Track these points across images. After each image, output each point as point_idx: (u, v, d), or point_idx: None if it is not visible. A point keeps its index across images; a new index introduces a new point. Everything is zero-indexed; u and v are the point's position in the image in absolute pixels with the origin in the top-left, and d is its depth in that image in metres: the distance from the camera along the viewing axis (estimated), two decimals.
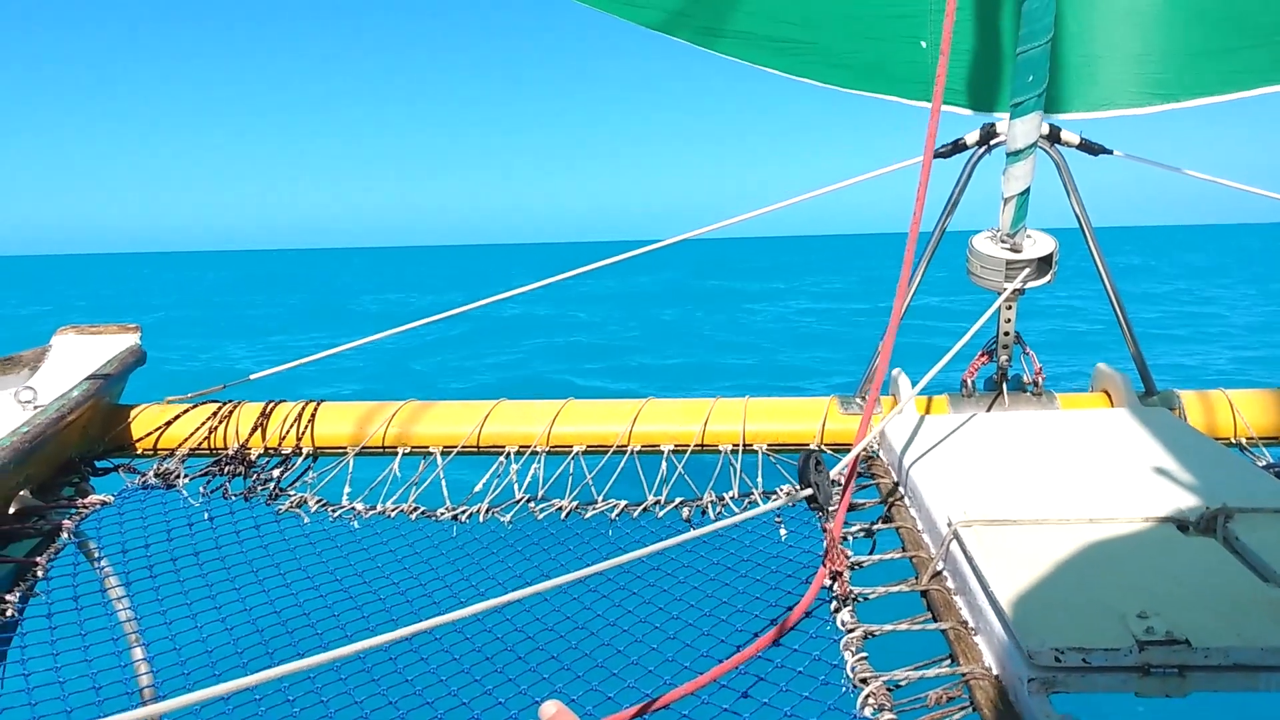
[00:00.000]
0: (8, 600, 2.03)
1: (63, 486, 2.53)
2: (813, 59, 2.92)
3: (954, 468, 2.14)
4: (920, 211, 2.14)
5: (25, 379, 2.79)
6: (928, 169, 2.20)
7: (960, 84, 2.78)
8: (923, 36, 2.77)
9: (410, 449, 2.72)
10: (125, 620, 2.15)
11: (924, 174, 2.20)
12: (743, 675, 1.69)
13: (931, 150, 2.26)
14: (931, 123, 2.24)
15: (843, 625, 1.72)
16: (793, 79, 2.95)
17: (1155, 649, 1.37)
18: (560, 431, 2.68)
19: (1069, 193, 2.68)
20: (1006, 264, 2.57)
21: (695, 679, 1.68)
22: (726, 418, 2.65)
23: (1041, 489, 1.99)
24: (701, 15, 2.94)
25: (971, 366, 2.67)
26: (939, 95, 2.20)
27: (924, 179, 2.19)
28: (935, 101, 2.22)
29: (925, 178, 2.19)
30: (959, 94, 2.80)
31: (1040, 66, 2.40)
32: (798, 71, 2.95)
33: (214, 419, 2.79)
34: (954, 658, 1.59)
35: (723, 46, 2.96)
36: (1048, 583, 1.58)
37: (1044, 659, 1.39)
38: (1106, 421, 2.42)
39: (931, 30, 2.74)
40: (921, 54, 2.79)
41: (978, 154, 2.71)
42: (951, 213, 2.70)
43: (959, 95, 2.80)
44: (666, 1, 2.93)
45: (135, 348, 2.98)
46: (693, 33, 2.97)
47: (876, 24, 2.80)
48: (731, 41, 2.94)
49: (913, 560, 1.90)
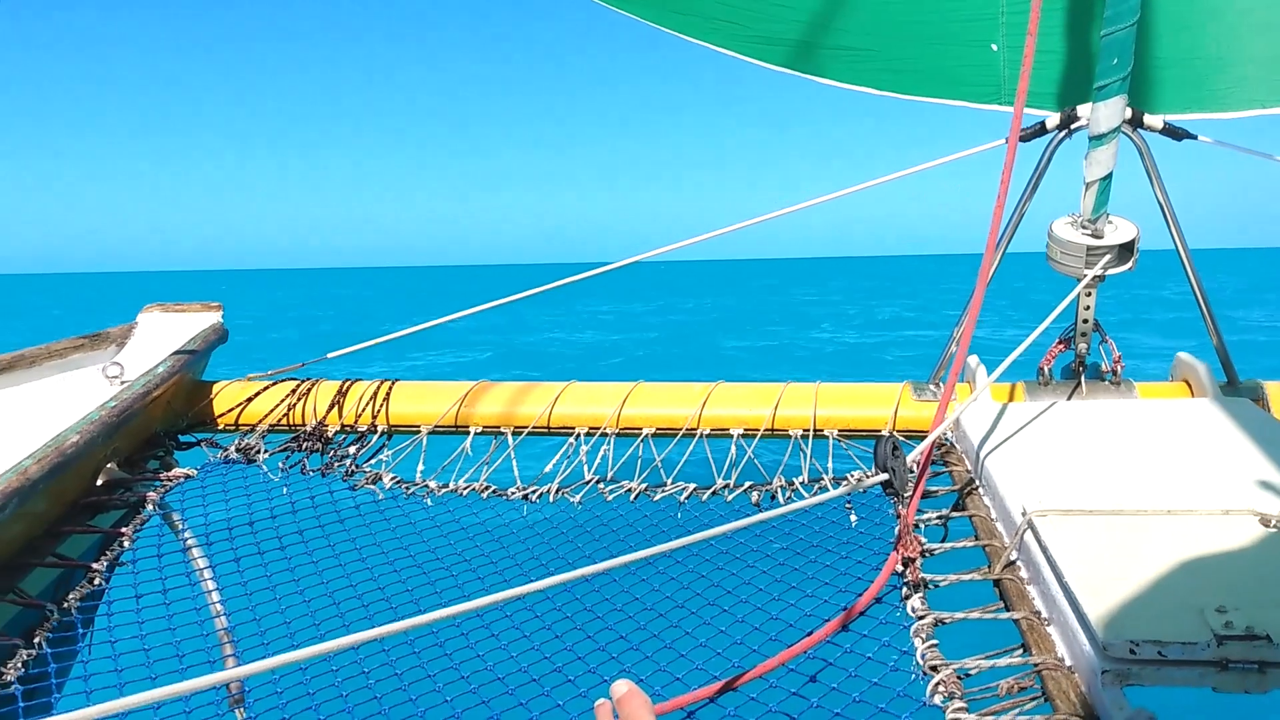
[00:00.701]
0: (95, 569, 2.09)
1: (148, 460, 2.60)
2: (872, 66, 2.89)
3: (1030, 457, 2.11)
4: (1004, 196, 2.11)
5: (113, 355, 2.87)
6: (1013, 152, 2.17)
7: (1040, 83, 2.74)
8: (993, 39, 2.73)
9: (482, 428, 2.75)
10: (208, 590, 2.21)
11: (1009, 157, 2.17)
12: (811, 660, 1.69)
13: (1017, 133, 2.22)
14: (1017, 106, 2.21)
15: (913, 612, 1.71)
16: (850, 88, 2.92)
17: (1234, 644, 1.34)
18: (630, 413, 2.69)
19: (1151, 179, 2.62)
20: (1087, 250, 2.52)
21: (764, 662, 1.68)
22: (797, 402, 2.64)
23: (1119, 479, 1.95)
24: (753, 25, 2.91)
25: (1049, 354, 2.63)
26: (1025, 79, 2.17)
27: (1009, 162, 2.16)
28: (1021, 84, 2.18)
29: (1010, 160, 2.16)
30: (1011, 93, 2.76)
31: (1125, 49, 2.35)
32: (856, 80, 2.92)
33: (292, 396, 2.85)
34: (1026, 648, 1.57)
35: (774, 57, 2.93)
36: (1124, 574, 1.56)
37: (1119, 651, 1.37)
38: (1187, 412, 2.36)
39: (1005, 33, 2.70)
40: (991, 57, 2.76)
41: (1058, 138, 2.66)
42: (1030, 197, 2.65)
43: (1010, 94, 2.76)
44: (714, 11, 2.91)
45: (218, 325, 3.05)
46: (743, 44, 2.95)
47: (942, 29, 2.77)
48: (784, 50, 2.91)
49: (986, 549, 1.89)
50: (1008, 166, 2.14)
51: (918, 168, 2.92)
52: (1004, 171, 2.13)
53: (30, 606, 1.94)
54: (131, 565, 2.18)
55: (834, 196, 3.00)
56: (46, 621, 1.92)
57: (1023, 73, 2.17)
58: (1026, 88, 2.20)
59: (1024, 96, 2.21)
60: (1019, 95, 2.21)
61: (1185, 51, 2.66)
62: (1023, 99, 2.21)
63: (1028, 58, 2.16)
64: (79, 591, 2.02)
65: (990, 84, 2.80)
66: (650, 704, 1.40)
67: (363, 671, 1.79)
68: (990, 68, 2.76)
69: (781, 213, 3.02)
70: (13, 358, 2.74)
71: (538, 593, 1.52)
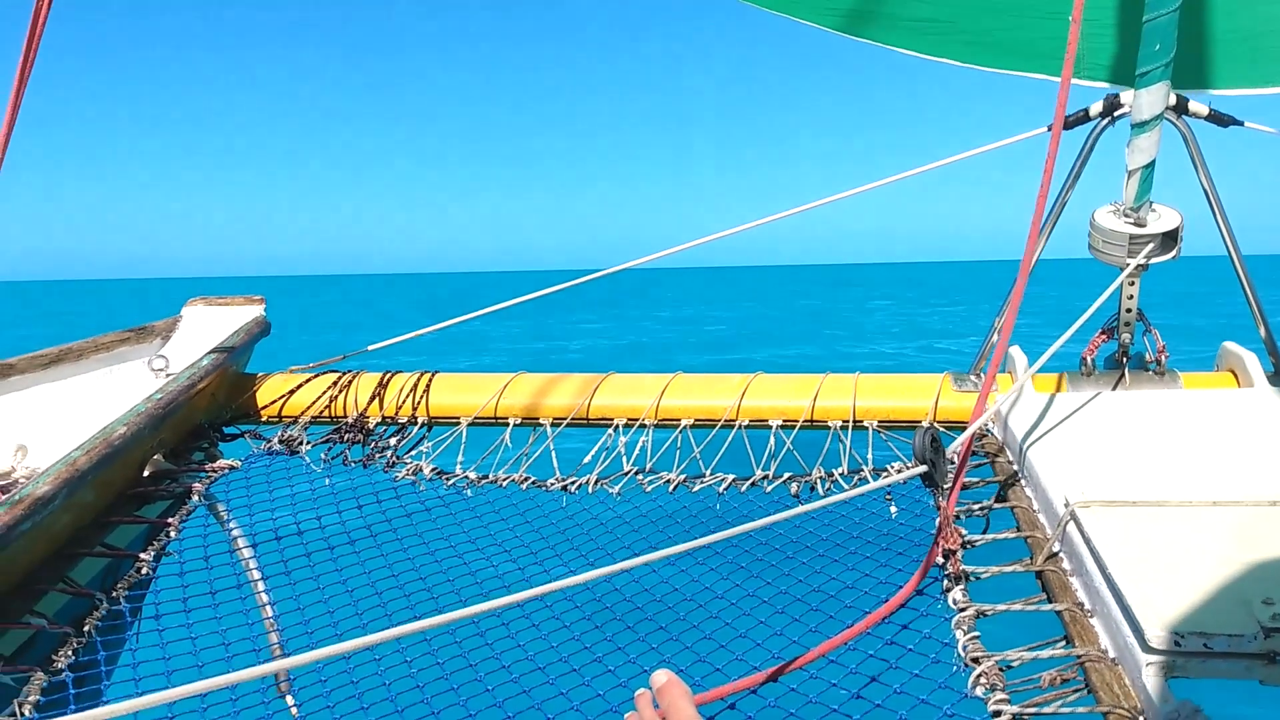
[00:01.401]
0: (143, 558, 2.13)
1: (193, 451, 2.64)
2: (953, 39, 2.87)
3: (1072, 448, 2.09)
4: (1048, 183, 2.08)
5: (158, 348, 2.91)
6: (1057, 138, 2.14)
7: (1099, 57, 2.70)
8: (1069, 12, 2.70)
9: (521, 420, 2.76)
10: (253, 579, 2.24)
11: (1053, 144, 2.14)
12: (852, 651, 1.69)
13: (1061, 119, 2.19)
14: (1062, 92, 2.18)
15: (954, 604, 1.70)
16: (933, 60, 2.90)
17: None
18: (668, 404, 2.69)
19: (1196, 166, 2.58)
20: (1130, 239, 2.49)
21: (804, 653, 1.68)
22: (836, 393, 2.62)
23: (1163, 470, 1.93)
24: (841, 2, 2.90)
25: (1091, 344, 2.60)
26: (1069, 64, 2.14)
27: (1052, 149, 2.13)
28: (1065, 70, 2.15)
29: (1054, 148, 2.13)
30: (1099, 67, 2.72)
31: (1168, 35, 2.32)
32: (937, 52, 2.90)
33: (334, 388, 2.88)
34: (1069, 639, 1.56)
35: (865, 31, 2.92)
36: (1168, 566, 1.54)
37: (1163, 643, 1.35)
38: (1233, 402, 2.33)
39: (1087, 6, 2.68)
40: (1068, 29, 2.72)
41: (1101, 125, 2.63)
42: (1073, 185, 2.62)
43: (1098, 69, 2.72)
44: None
45: (260, 318, 3.09)
46: (835, 19, 2.94)
47: (1022, 1, 2.74)
48: (871, 26, 2.90)
49: (1028, 540, 1.87)
50: (1051, 153, 2.12)
51: (966, 154, 2.89)
52: (1048, 160, 2.10)
53: (80, 595, 1.98)
54: (178, 555, 2.21)
55: (880, 185, 2.98)
56: (96, 610, 1.95)
57: (1067, 57, 2.13)
58: (1070, 74, 2.17)
59: (1068, 83, 2.17)
60: (1063, 81, 2.17)
61: (1238, 26, 2.62)
62: (1067, 85, 2.18)
63: (1071, 44, 2.13)
64: (127, 581, 2.06)
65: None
66: (690, 693, 1.40)
67: (405, 660, 1.81)
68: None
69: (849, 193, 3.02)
70: (60, 351, 2.79)
71: (578, 585, 1.53)
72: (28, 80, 2.01)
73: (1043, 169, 2.09)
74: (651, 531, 2.28)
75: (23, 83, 2.01)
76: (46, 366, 2.76)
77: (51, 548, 2.08)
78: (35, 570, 2.01)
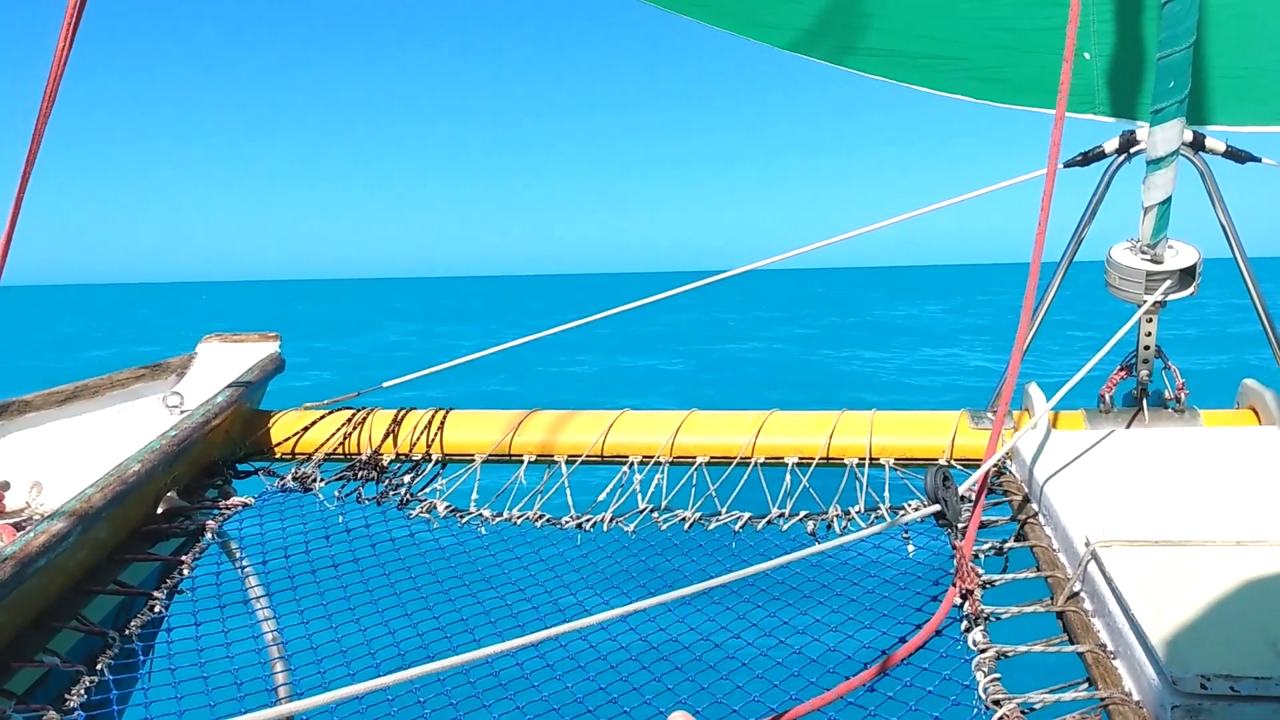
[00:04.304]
0: (156, 596, 2.12)
1: (207, 488, 2.63)
2: (963, 75, 2.88)
3: (1091, 486, 2.07)
4: (1045, 221, 2.08)
5: (173, 384, 2.92)
6: (1052, 176, 2.15)
7: (1105, 90, 2.71)
8: (1085, 48, 2.71)
9: (536, 457, 2.75)
10: (264, 618, 2.23)
11: (1049, 183, 2.15)
12: (870, 694, 1.67)
13: (1056, 158, 2.20)
14: (1055, 130, 2.18)
15: (974, 645, 1.68)
16: (942, 95, 2.91)
17: None
18: (684, 442, 2.68)
19: (1214, 202, 2.58)
20: (1147, 275, 2.48)
21: (821, 695, 1.66)
22: (852, 430, 2.61)
23: (1185, 509, 1.91)
24: (837, 35, 2.92)
25: (1110, 381, 2.58)
26: (1063, 101, 2.15)
27: (1048, 187, 2.13)
28: (1059, 108, 2.16)
29: (1050, 186, 2.14)
30: (1104, 102, 2.73)
31: (1182, 72, 2.32)
32: (947, 88, 2.91)
33: (348, 425, 2.87)
34: (1092, 681, 1.54)
35: (862, 64, 2.93)
36: (1192, 606, 1.52)
37: (1189, 686, 1.33)
38: (1254, 440, 2.31)
39: (1096, 41, 2.68)
40: (1083, 65, 2.73)
41: (1117, 162, 2.63)
42: (1090, 222, 2.62)
43: (1104, 103, 2.73)
44: (801, 22, 2.92)
45: (275, 355, 3.09)
46: (828, 52, 2.96)
47: (1031, 37, 2.75)
48: (870, 60, 2.91)
49: (1048, 580, 1.85)
50: (1048, 192, 2.12)
51: (978, 192, 2.90)
52: (1044, 197, 2.11)
53: (93, 633, 1.97)
54: (190, 593, 2.20)
55: (902, 219, 3.00)
56: (109, 648, 1.94)
57: (1061, 93, 2.14)
58: (1064, 112, 2.18)
59: (1062, 121, 2.18)
60: (1057, 120, 2.18)
61: (1248, 62, 2.63)
62: (1060, 123, 2.19)
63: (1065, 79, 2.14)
64: (140, 619, 2.05)
65: (1084, 92, 2.78)
66: None
67: (419, 701, 1.80)
68: (1083, 76, 2.74)
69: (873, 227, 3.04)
70: (76, 388, 2.80)
71: (592, 625, 1.52)
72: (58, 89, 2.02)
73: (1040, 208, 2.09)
74: (667, 570, 2.26)
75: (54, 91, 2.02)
76: (63, 403, 2.77)
77: (65, 584, 2.07)
78: (49, 607, 2.00)
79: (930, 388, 23.77)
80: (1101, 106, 2.80)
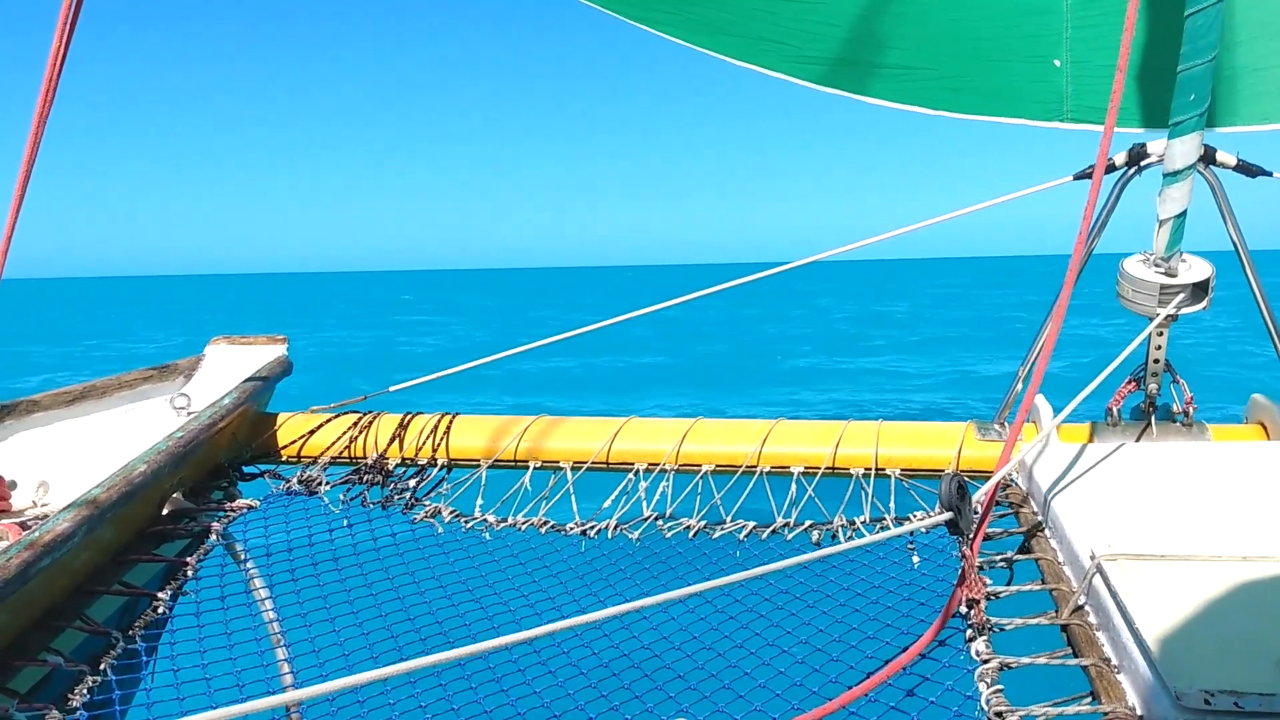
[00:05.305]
0: (160, 598, 2.12)
1: (212, 490, 2.63)
2: (929, 84, 2.84)
3: (1098, 499, 2.06)
4: (1086, 230, 2.06)
5: (180, 386, 2.93)
6: (1097, 186, 2.12)
7: (1074, 98, 2.69)
8: (1056, 55, 2.68)
9: (541, 463, 2.75)
10: (269, 620, 2.23)
11: (1093, 193, 2.12)
12: (872, 703, 1.66)
13: (1103, 167, 2.18)
14: (1104, 140, 2.16)
15: (978, 655, 1.68)
16: (904, 108, 2.86)
17: None
18: (689, 450, 2.67)
19: (1224, 216, 2.57)
20: (1160, 288, 2.47)
21: (824, 704, 1.65)
22: (859, 441, 2.60)
23: (1192, 524, 1.90)
24: (802, 45, 2.86)
25: (1118, 394, 2.57)
26: (1114, 112, 2.11)
27: (1092, 197, 2.11)
28: (1110, 119, 2.13)
29: (1094, 196, 2.11)
30: (1074, 109, 2.71)
31: (1203, 85, 2.31)
32: (911, 100, 2.86)
33: (354, 429, 2.87)
34: (1095, 695, 1.53)
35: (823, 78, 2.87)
36: (1198, 621, 1.51)
37: (1193, 701, 1.32)
38: (1262, 455, 2.30)
39: (1069, 49, 2.65)
40: (1053, 73, 2.71)
41: (1127, 175, 2.62)
42: (1099, 235, 2.61)
43: (1073, 110, 2.71)
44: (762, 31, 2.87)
45: (282, 358, 3.09)
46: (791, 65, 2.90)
47: (1002, 45, 2.73)
48: (833, 71, 2.85)
49: (1053, 593, 1.84)
50: (1091, 201, 2.09)
51: (990, 202, 2.89)
52: (1087, 206, 2.08)
53: (97, 634, 1.97)
54: (195, 594, 2.20)
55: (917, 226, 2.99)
56: (112, 649, 1.94)
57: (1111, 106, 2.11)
58: (1114, 122, 2.14)
59: (1111, 129, 2.15)
60: (1107, 128, 2.14)
61: (1263, 60, 2.61)
62: (1110, 133, 2.15)
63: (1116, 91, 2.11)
64: (144, 619, 2.05)
65: (1053, 101, 2.76)
66: None
67: (420, 705, 1.79)
68: (1052, 84, 2.72)
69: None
70: (84, 389, 2.80)
71: (594, 630, 1.52)
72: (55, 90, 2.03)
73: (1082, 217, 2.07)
74: (671, 578, 2.26)
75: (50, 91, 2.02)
76: (70, 403, 2.78)
77: (70, 585, 2.07)
78: (53, 607, 2.00)
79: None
80: (1071, 114, 2.78)
